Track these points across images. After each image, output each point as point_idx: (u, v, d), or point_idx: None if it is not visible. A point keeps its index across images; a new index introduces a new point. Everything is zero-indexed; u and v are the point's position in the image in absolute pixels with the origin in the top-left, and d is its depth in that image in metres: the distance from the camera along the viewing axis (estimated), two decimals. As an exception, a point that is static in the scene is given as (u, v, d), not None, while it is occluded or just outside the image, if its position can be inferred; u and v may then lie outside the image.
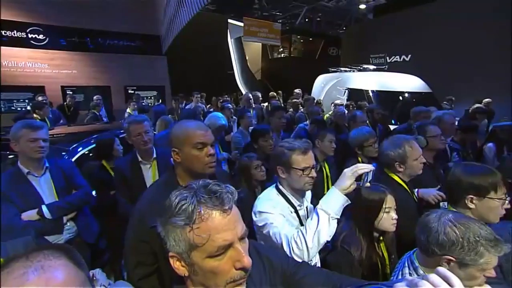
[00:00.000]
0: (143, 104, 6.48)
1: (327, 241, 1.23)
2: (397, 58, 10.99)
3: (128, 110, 5.68)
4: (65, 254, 0.56)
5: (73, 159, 2.63)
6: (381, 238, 1.48)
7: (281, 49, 20.05)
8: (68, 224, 2.11)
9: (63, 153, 2.69)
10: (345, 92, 7.20)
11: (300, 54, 19.79)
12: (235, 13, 15.09)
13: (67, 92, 8.47)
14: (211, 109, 6.04)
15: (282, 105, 7.47)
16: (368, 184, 1.25)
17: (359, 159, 2.36)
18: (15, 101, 7.74)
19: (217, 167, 1.47)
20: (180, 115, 2.56)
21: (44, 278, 0.49)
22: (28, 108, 5.17)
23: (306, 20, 18.29)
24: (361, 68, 8.11)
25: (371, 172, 1.22)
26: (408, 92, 6.68)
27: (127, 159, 2.02)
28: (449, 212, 1.06)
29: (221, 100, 7.24)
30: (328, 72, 9.10)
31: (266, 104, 6.89)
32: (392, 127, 4.39)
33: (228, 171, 2.97)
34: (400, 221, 1.42)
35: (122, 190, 1.97)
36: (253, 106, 5.00)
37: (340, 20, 17.47)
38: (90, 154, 2.82)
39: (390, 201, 1.40)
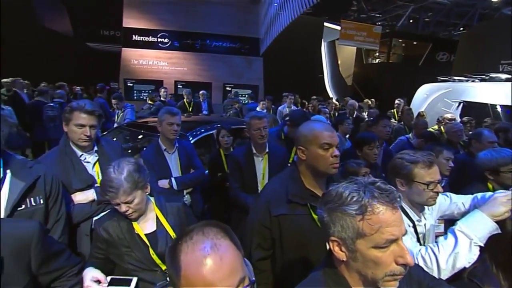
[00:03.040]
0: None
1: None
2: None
3: (258, 107, 6.24)
4: (228, 234, 0.67)
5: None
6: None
7: (377, 54, 18.56)
8: (186, 196, 2.52)
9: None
10: (459, 105, 6.13)
11: (399, 59, 17.88)
12: (330, 15, 14.71)
13: (178, 87, 10.06)
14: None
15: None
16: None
17: (490, 185, 2.01)
18: (143, 91, 9.69)
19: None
20: (291, 115, 2.71)
21: (219, 254, 0.61)
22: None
23: (411, 21, 16.28)
24: (487, 77, 6.68)
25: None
26: None
27: (243, 150, 2.26)
28: None
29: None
30: (436, 81, 7.93)
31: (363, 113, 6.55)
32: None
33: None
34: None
35: (235, 177, 2.22)
36: (354, 115, 4.85)
37: (457, 19, 14.79)
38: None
39: (550, 242, 1.16)
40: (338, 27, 13.29)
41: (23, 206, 1.28)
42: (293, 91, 7.99)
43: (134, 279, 1.28)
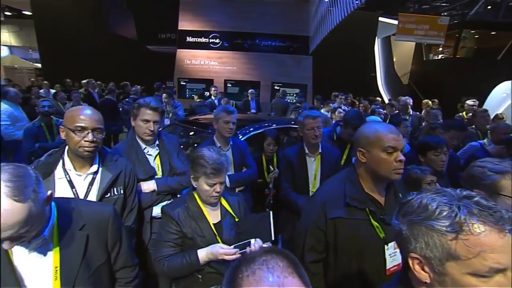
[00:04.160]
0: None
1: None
2: None
3: (323, 110, 6.16)
4: (296, 270, 0.55)
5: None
6: None
7: (441, 49, 16.59)
8: (239, 194, 2.57)
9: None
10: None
11: (469, 54, 15.64)
12: (386, 9, 13.56)
13: (227, 85, 10.42)
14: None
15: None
16: None
17: None
18: (195, 90, 10.23)
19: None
20: (345, 115, 2.59)
21: None
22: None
23: (488, 7, 13.90)
24: None
25: None
26: None
27: (295, 149, 2.23)
28: None
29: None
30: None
31: (422, 112, 5.95)
32: None
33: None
34: None
35: (287, 176, 2.19)
36: (411, 113, 4.43)
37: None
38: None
39: None
40: (395, 22, 12.22)
41: (109, 195, 1.47)
42: (343, 91, 7.66)
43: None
